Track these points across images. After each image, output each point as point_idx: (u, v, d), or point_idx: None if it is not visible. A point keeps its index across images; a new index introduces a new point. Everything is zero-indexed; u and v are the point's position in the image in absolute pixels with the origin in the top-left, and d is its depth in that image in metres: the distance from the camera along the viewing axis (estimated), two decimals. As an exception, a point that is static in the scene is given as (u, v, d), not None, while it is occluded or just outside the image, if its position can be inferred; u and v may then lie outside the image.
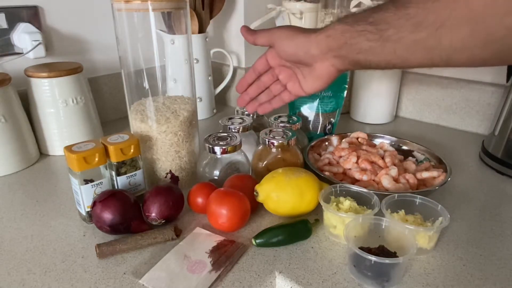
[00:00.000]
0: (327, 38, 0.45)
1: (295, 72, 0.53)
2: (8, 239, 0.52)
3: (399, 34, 0.38)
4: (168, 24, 0.86)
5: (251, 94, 0.58)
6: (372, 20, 0.41)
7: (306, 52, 0.48)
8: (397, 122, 0.97)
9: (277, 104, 0.58)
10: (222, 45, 1.06)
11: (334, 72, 0.49)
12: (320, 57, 0.47)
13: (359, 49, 0.43)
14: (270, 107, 0.58)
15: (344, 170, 0.64)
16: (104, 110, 0.93)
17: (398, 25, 0.38)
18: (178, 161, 0.61)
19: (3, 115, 0.68)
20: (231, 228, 0.52)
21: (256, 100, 0.58)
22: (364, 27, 0.41)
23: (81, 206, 0.54)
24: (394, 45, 0.39)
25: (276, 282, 0.46)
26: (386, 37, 0.39)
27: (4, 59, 0.77)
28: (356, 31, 0.42)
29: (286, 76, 0.54)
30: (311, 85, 0.52)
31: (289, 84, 0.55)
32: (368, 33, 0.41)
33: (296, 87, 0.54)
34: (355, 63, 0.45)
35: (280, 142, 0.60)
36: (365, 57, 0.43)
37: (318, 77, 0.50)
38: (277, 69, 0.55)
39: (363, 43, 0.42)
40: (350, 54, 0.44)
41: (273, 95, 0.57)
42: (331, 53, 0.46)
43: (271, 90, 0.57)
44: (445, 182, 0.57)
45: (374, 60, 0.43)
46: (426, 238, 0.47)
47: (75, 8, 0.85)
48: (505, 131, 0.70)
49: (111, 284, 0.44)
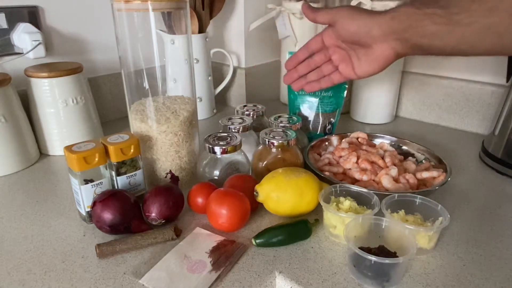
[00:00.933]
0: (392, 19, 0.45)
1: (350, 54, 0.53)
2: (8, 239, 0.52)
3: (471, 19, 0.38)
4: (168, 24, 0.86)
5: (300, 72, 0.58)
6: (442, 3, 0.40)
7: (368, 32, 0.48)
8: (397, 122, 0.97)
9: (326, 84, 0.58)
10: (222, 45, 1.06)
11: (392, 55, 0.48)
12: (380, 38, 0.47)
13: (424, 32, 0.42)
14: (318, 86, 0.58)
15: (344, 170, 0.64)
16: (104, 110, 0.93)
17: (471, 9, 0.38)
18: (178, 161, 0.61)
19: (3, 115, 0.68)
20: (231, 228, 0.52)
21: (304, 78, 0.58)
22: (434, 10, 0.41)
23: (81, 206, 0.54)
24: (463, 30, 0.39)
25: (276, 282, 0.46)
26: (456, 20, 0.39)
27: (4, 59, 0.77)
28: (424, 14, 0.41)
29: (339, 57, 0.54)
30: (365, 68, 0.52)
31: (341, 65, 0.54)
32: (437, 16, 0.40)
33: (348, 69, 0.54)
34: (417, 47, 0.45)
35: (280, 142, 0.60)
36: (429, 41, 0.42)
37: (374, 59, 0.50)
38: (331, 49, 0.55)
39: (430, 26, 0.41)
40: (413, 37, 0.44)
41: (323, 75, 0.57)
42: (393, 35, 0.46)
43: (321, 70, 0.57)
44: (445, 182, 0.57)
45: (439, 45, 0.42)
46: (426, 238, 0.47)
47: (75, 8, 0.85)
48: (505, 131, 0.70)
49: (111, 284, 0.44)
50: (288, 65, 0.59)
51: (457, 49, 0.41)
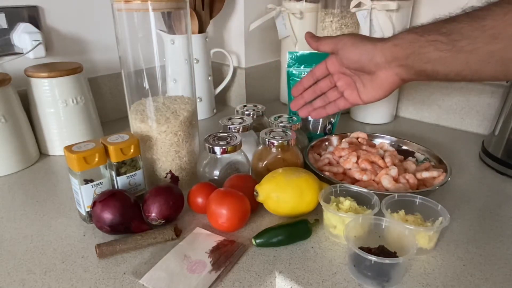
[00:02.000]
0: (394, 46, 0.45)
1: (354, 80, 0.53)
2: (8, 239, 0.52)
3: (474, 45, 0.38)
4: (168, 24, 0.86)
5: (306, 98, 0.59)
6: (444, 30, 0.40)
7: (371, 60, 0.48)
8: (397, 122, 0.97)
9: (332, 110, 0.58)
10: (222, 45, 1.06)
11: (397, 81, 0.49)
12: (384, 65, 0.48)
13: (427, 58, 0.42)
14: (324, 112, 0.59)
15: (344, 170, 0.64)
16: (104, 110, 0.93)
17: (473, 36, 0.38)
18: (178, 161, 0.61)
19: (3, 115, 0.68)
20: (231, 228, 0.52)
21: (311, 105, 0.59)
22: (435, 37, 0.41)
23: (81, 206, 0.54)
24: (467, 56, 0.39)
25: (276, 282, 0.46)
26: (459, 47, 0.39)
27: (4, 59, 0.77)
28: (426, 41, 0.42)
29: (344, 84, 0.55)
30: (370, 94, 0.52)
31: (346, 91, 0.55)
32: (440, 43, 0.41)
33: (354, 95, 0.54)
34: (421, 73, 0.45)
35: (280, 142, 0.60)
36: (433, 67, 0.43)
37: (379, 86, 0.50)
38: (336, 76, 0.56)
39: (433, 53, 0.41)
40: (417, 63, 0.44)
41: (329, 101, 0.58)
42: (397, 62, 0.46)
43: (327, 96, 0.58)
44: (445, 182, 0.57)
45: (443, 71, 0.42)
46: (426, 238, 0.47)
47: (75, 8, 0.85)
48: (505, 131, 0.70)
49: (111, 284, 0.44)
50: (294, 92, 0.60)
51: (461, 75, 0.41)
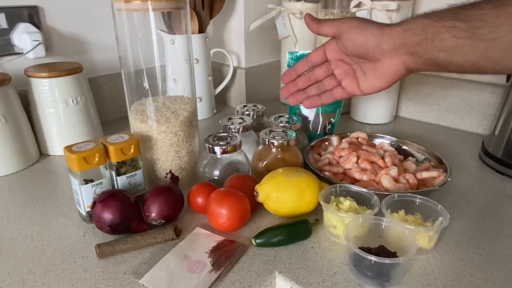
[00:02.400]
0: (404, 31, 0.42)
1: (354, 68, 0.49)
2: (8, 239, 0.52)
3: (497, 33, 0.36)
4: (168, 24, 0.86)
5: (299, 85, 0.53)
6: (463, 16, 0.37)
7: (377, 45, 0.44)
8: (397, 122, 0.97)
9: (327, 100, 0.53)
10: (222, 45, 1.06)
11: (402, 71, 0.45)
12: (390, 52, 0.44)
13: (442, 46, 0.39)
14: (319, 101, 0.54)
15: (344, 170, 0.64)
16: (104, 110, 0.93)
17: (496, 23, 0.35)
18: (178, 161, 0.61)
19: (3, 115, 0.68)
20: (231, 228, 0.52)
21: (304, 92, 0.54)
22: (453, 23, 0.38)
23: (81, 206, 0.54)
24: (487, 45, 0.36)
25: (276, 282, 0.46)
26: (479, 35, 0.36)
27: (4, 59, 0.77)
28: (443, 27, 0.39)
29: (342, 72, 0.51)
30: (371, 84, 0.48)
31: (345, 80, 0.51)
32: (457, 30, 0.38)
33: (353, 85, 0.50)
34: (431, 63, 0.42)
35: (280, 142, 0.60)
36: (447, 56, 0.40)
37: (383, 75, 0.46)
38: (333, 63, 0.51)
39: (449, 40, 0.38)
40: (428, 51, 0.41)
41: (325, 89, 0.53)
42: (405, 48, 0.42)
43: (323, 84, 0.53)
44: (445, 182, 0.57)
45: (457, 60, 0.39)
46: (426, 238, 0.47)
47: (75, 8, 0.85)
48: (505, 131, 0.70)
49: (111, 284, 0.44)
50: (285, 79, 0.54)
51: (476, 66, 0.39)
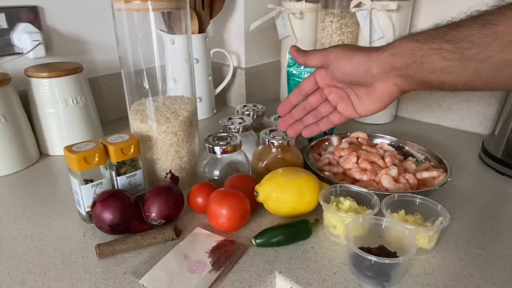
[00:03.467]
0: (392, 56, 0.42)
1: (347, 93, 0.49)
2: (8, 239, 0.52)
3: (486, 54, 0.35)
4: (168, 24, 0.86)
5: (295, 116, 0.54)
6: (450, 38, 0.37)
7: (366, 72, 0.44)
8: (397, 122, 0.97)
9: (325, 126, 0.53)
10: (222, 45, 1.06)
11: (397, 92, 0.45)
12: (381, 76, 0.44)
13: (431, 68, 0.39)
14: (318, 129, 0.53)
15: (344, 170, 0.64)
16: (104, 110, 0.93)
17: (485, 44, 0.35)
18: (178, 161, 0.61)
19: (3, 115, 0.68)
20: (231, 228, 0.52)
21: (301, 122, 0.54)
22: (441, 45, 0.38)
23: (81, 206, 0.54)
24: (478, 65, 0.36)
25: (276, 282, 0.46)
26: (468, 56, 0.36)
27: (4, 59, 0.77)
28: (430, 49, 0.38)
29: (337, 97, 0.50)
30: (367, 107, 0.48)
31: (340, 105, 0.51)
32: (445, 52, 0.37)
33: (348, 109, 0.50)
34: (424, 83, 0.41)
35: (280, 142, 0.60)
36: (438, 77, 0.39)
37: (377, 98, 0.46)
38: (326, 90, 0.51)
39: (438, 62, 0.38)
40: (419, 73, 0.41)
41: (321, 116, 0.53)
42: (396, 72, 0.42)
43: (319, 111, 0.53)
44: (445, 182, 0.57)
45: (449, 81, 0.39)
46: (426, 238, 0.47)
47: (75, 8, 0.85)
48: (505, 131, 0.70)
49: (111, 284, 0.44)
50: (281, 111, 0.54)
51: (470, 85, 0.38)
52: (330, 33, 0.91)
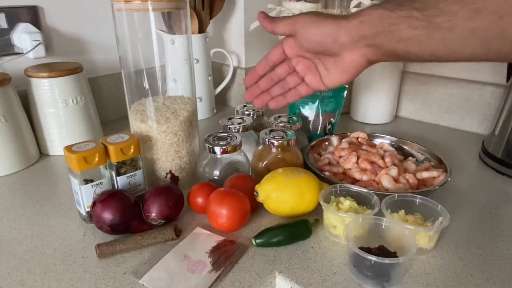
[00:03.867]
0: (361, 24, 0.40)
1: (316, 63, 0.48)
2: (8, 239, 0.52)
3: (453, 22, 0.34)
4: (168, 24, 0.86)
5: (262, 87, 0.52)
6: (418, 5, 0.36)
7: (334, 40, 0.43)
8: (397, 122, 0.97)
9: (292, 98, 0.52)
10: (222, 45, 1.06)
11: (364, 63, 0.44)
12: (350, 46, 0.43)
13: (399, 37, 0.38)
14: (285, 101, 0.52)
15: (344, 170, 0.64)
16: (104, 110, 0.93)
17: (452, 11, 0.34)
18: (178, 161, 0.61)
19: (3, 115, 0.68)
20: (231, 228, 0.52)
21: (268, 93, 0.52)
22: (409, 13, 0.37)
23: (81, 206, 0.54)
24: (444, 34, 0.35)
25: (276, 282, 0.46)
26: (435, 24, 0.35)
27: (4, 59, 0.77)
28: (399, 17, 0.37)
29: (304, 68, 0.49)
30: (334, 78, 0.47)
31: (308, 76, 0.49)
32: (413, 20, 0.36)
33: (316, 80, 0.48)
34: (391, 54, 0.40)
35: (280, 142, 0.60)
36: (405, 47, 0.38)
37: (345, 69, 0.45)
38: (294, 60, 0.50)
39: (406, 31, 0.37)
40: (387, 42, 0.39)
41: (288, 88, 0.51)
42: (364, 41, 0.41)
43: (286, 82, 0.51)
44: (445, 182, 0.57)
45: (416, 51, 0.38)
46: (426, 238, 0.47)
47: (75, 8, 0.85)
48: (505, 131, 0.70)
49: (111, 284, 0.44)
50: (248, 81, 0.52)
51: (436, 55, 0.38)
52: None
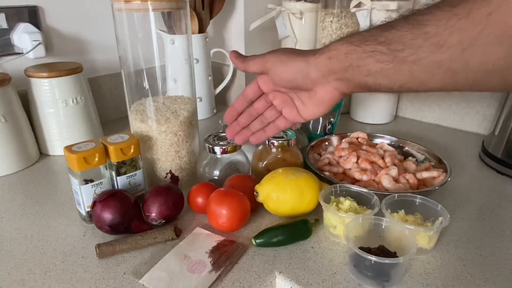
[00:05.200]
0: (329, 60, 0.41)
1: (292, 97, 0.49)
2: (8, 239, 0.52)
3: (417, 55, 0.34)
4: (168, 24, 0.86)
5: (242, 123, 0.52)
6: (383, 39, 0.36)
7: (305, 77, 0.43)
8: (397, 122, 0.97)
9: (272, 132, 0.52)
10: (222, 45, 1.06)
11: (338, 95, 0.45)
12: (321, 80, 0.43)
13: (367, 71, 0.39)
14: (265, 135, 0.52)
15: (344, 170, 0.64)
16: (104, 110, 0.93)
17: (415, 45, 0.34)
18: (178, 161, 0.61)
19: (3, 115, 0.68)
20: (231, 228, 0.52)
21: (248, 129, 0.53)
22: (374, 47, 0.37)
23: (81, 206, 0.54)
24: (410, 67, 0.35)
25: (276, 282, 0.46)
26: (401, 58, 0.35)
27: (4, 59, 0.77)
28: (364, 52, 0.38)
29: (281, 102, 0.50)
30: (311, 111, 0.48)
31: (285, 110, 0.50)
32: (379, 54, 0.37)
33: (293, 113, 0.49)
34: (362, 86, 0.41)
35: (280, 142, 0.60)
36: (374, 80, 0.39)
37: (319, 102, 0.46)
38: (270, 95, 0.50)
39: (373, 65, 0.38)
40: (356, 77, 0.40)
41: (267, 122, 0.52)
42: (334, 75, 0.42)
43: (265, 117, 0.52)
44: (445, 182, 0.57)
45: (385, 83, 0.39)
46: (426, 238, 0.47)
47: (75, 8, 0.85)
48: (505, 131, 0.70)
49: (111, 284, 0.44)
50: (227, 118, 0.53)
51: (406, 87, 0.38)
52: (330, 33, 0.91)
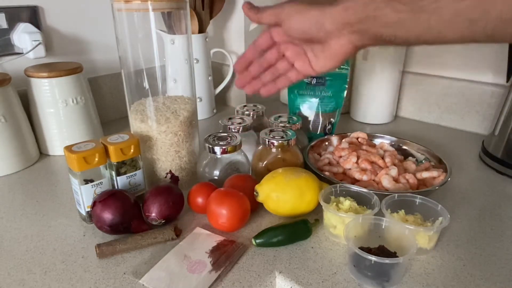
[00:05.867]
0: (345, 11, 0.40)
1: (305, 49, 0.48)
2: (8, 239, 0.52)
3: (437, 4, 0.34)
4: (168, 24, 0.86)
5: (253, 73, 0.51)
6: None
7: (320, 28, 0.42)
8: (397, 122, 0.97)
9: (283, 84, 0.51)
10: (222, 45, 1.06)
11: (351, 49, 0.44)
12: (335, 32, 0.42)
13: (384, 22, 0.38)
14: (275, 87, 0.51)
15: (344, 170, 0.64)
16: (104, 110, 0.93)
17: None
18: (178, 161, 0.61)
19: (3, 115, 0.68)
20: (231, 228, 0.52)
21: (259, 80, 0.51)
22: None
23: (81, 206, 0.54)
24: (429, 17, 0.35)
25: (276, 282, 0.46)
26: (420, 7, 0.35)
27: (4, 59, 0.77)
28: (383, 1, 0.37)
29: (293, 54, 0.49)
30: (323, 64, 0.47)
31: (297, 62, 0.49)
32: (398, 4, 0.36)
33: (305, 66, 0.48)
34: (378, 38, 0.40)
35: (280, 142, 0.60)
36: (391, 31, 0.38)
37: (333, 55, 0.45)
38: (283, 46, 0.49)
39: (391, 15, 0.37)
40: (372, 28, 0.39)
41: (279, 74, 0.51)
42: (349, 28, 0.41)
43: (276, 68, 0.51)
44: (445, 182, 0.57)
45: (402, 35, 0.38)
46: (426, 238, 0.47)
47: (75, 8, 0.85)
48: (505, 131, 0.70)
49: (111, 284, 0.44)
50: (237, 67, 0.52)
51: (422, 39, 0.37)
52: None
